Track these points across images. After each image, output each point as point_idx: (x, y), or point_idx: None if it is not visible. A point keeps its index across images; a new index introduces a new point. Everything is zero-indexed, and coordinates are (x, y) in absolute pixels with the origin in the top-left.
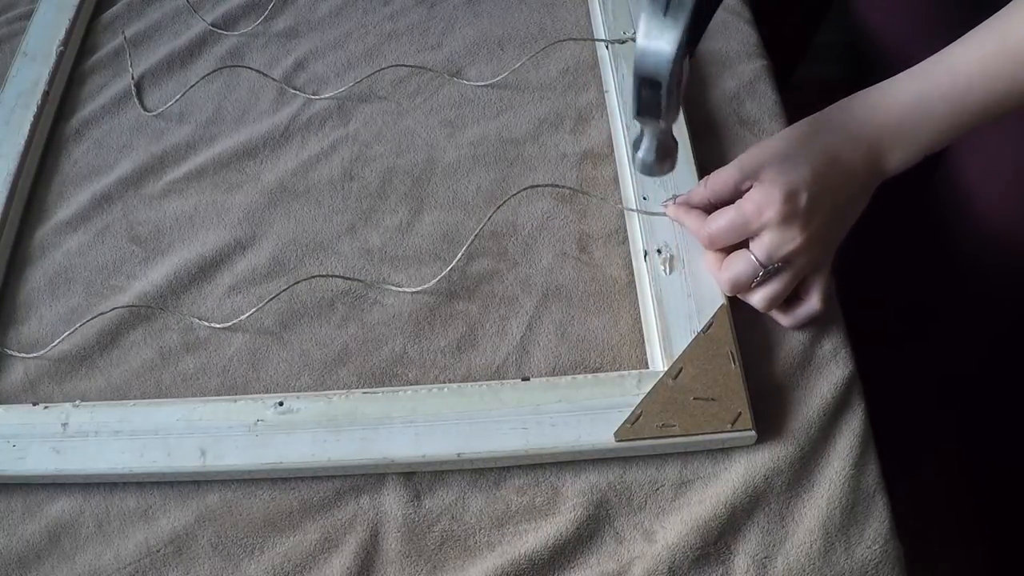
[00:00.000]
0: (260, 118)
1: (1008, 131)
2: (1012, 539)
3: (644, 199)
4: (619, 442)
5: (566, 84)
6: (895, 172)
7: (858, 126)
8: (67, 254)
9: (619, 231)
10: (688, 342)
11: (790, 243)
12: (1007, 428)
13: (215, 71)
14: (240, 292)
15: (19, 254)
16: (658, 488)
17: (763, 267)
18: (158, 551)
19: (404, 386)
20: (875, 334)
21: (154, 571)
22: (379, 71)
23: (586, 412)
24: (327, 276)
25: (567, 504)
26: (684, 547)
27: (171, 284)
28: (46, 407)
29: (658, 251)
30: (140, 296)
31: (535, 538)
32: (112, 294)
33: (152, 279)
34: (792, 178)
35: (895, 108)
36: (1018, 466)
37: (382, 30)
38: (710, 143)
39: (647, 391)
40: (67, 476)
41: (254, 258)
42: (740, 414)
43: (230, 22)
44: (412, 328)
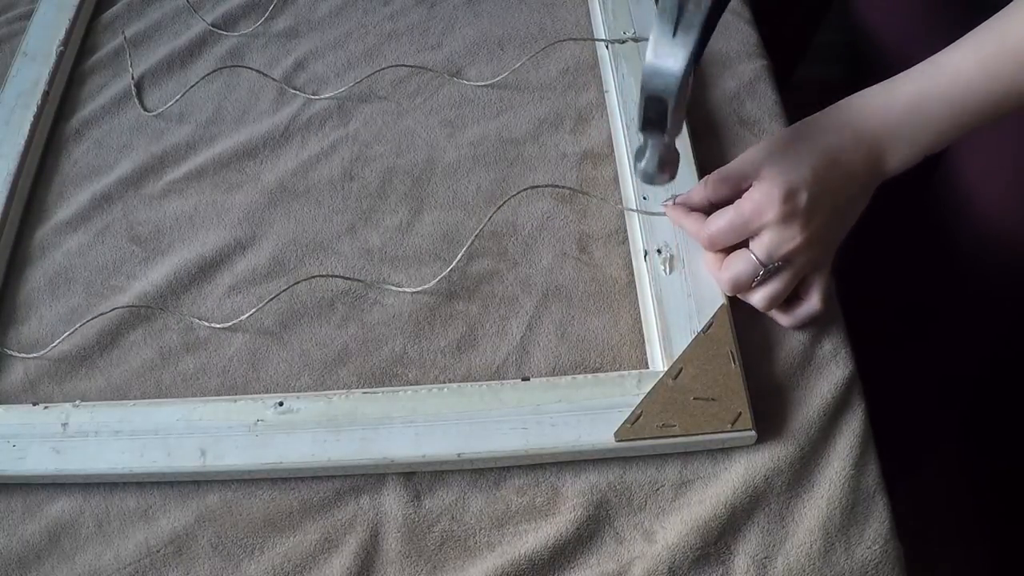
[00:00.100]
0: (260, 118)
1: (1008, 131)
2: (1012, 539)
3: (644, 199)
4: (619, 442)
5: (566, 84)
6: (895, 172)
7: (858, 126)
8: (67, 254)
9: (619, 231)
10: (688, 342)
11: (790, 242)
12: (1007, 428)
13: (215, 71)
14: (240, 292)
15: (19, 254)
16: (658, 488)
17: (763, 266)
18: (158, 551)
19: (404, 386)
20: (875, 334)
21: (154, 571)
22: (379, 71)
23: (586, 412)
24: (327, 276)
25: (567, 504)
26: (684, 547)
27: (171, 284)
28: (46, 407)
29: (658, 251)
30: (140, 296)
31: (535, 538)
32: (112, 294)
33: (152, 279)
34: (792, 178)
35: (895, 108)
36: (1018, 466)
37: (382, 30)
38: (710, 143)
39: (647, 391)
40: (67, 476)
41: (254, 258)
42: (740, 414)
43: (230, 22)
44: (412, 328)
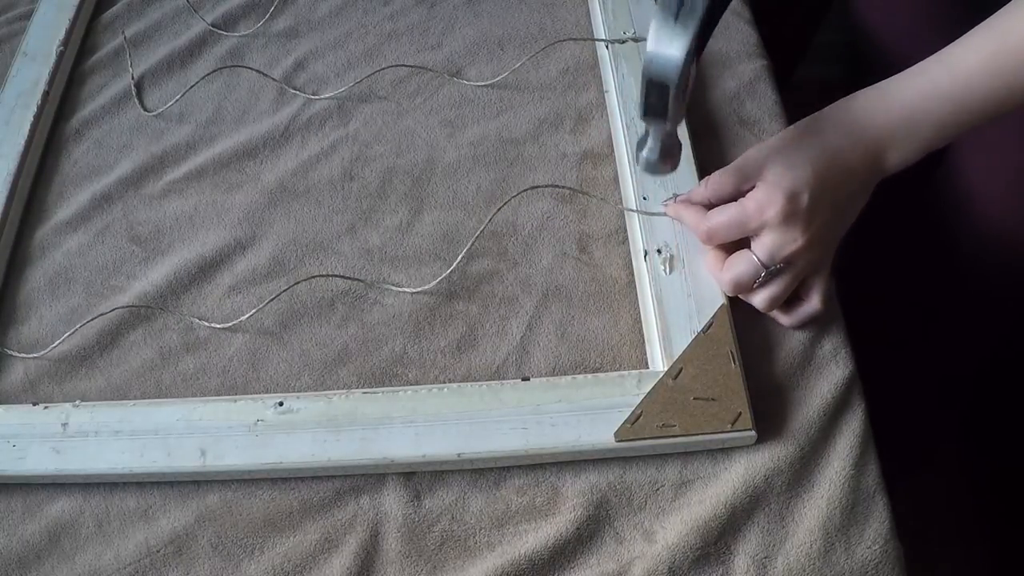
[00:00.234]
0: (260, 118)
1: (1009, 130)
2: (1012, 539)
3: (644, 199)
4: (619, 442)
5: (566, 84)
6: (895, 170)
7: (858, 125)
8: (67, 254)
9: (619, 231)
10: (688, 342)
11: (792, 244)
12: (1007, 428)
13: (215, 71)
14: (240, 292)
15: (19, 254)
16: (658, 488)
17: (765, 268)
18: (158, 551)
19: (404, 386)
20: (875, 334)
21: (154, 571)
22: (379, 71)
23: (586, 412)
24: (328, 276)
25: (567, 504)
26: (684, 547)
27: (171, 284)
28: (46, 407)
29: (658, 251)
30: (140, 296)
31: (535, 538)
32: (112, 294)
33: (152, 279)
34: (794, 178)
35: (895, 107)
36: (1018, 466)
37: (382, 30)
38: (710, 143)
39: (647, 391)
40: (67, 476)
41: (254, 258)
42: (740, 414)
43: (230, 22)
44: (412, 328)
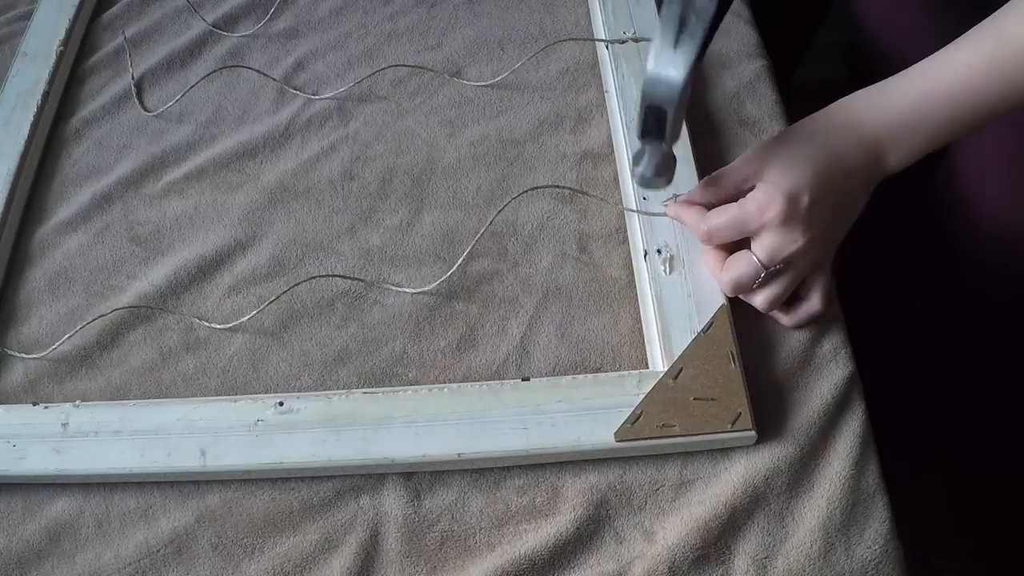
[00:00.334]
0: (260, 118)
1: (1008, 131)
2: (1012, 539)
3: (644, 199)
4: (619, 442)
5: (566, 84)
6: (895, 171)
7: (858, 125)
8: (67, 254)
9: (619, 231)
10: (688, 342)
11: (792, 245)
12: (1007, 428)
13: (215, 71)
14: (240, 292)
15: (19, 254)
16: (658, 488)
17: (765, 268)
18: (158, 551)
19: (404, 386)
20: (875, 334)
21: (154, 571)
22: (379, 71)
23: (586, 412)
24: (328, 276)
25: (567, 504)
26: (684, 547)
27: (171, 284)
28: (46, 407)
29: (658, 251)
30: (140, 296)
31: (535, 538)
32: (112, 294)
33: (152, 279)
34: (794, 179)
35: (895, 107)
36: (1018, 466)
37: (382, 30)
38: (710, 143)
39: (647, 391)
40: (67, 476)
41: (254, 258)
42: (740, 414)
43: (230, 22)
44: (412, 328)
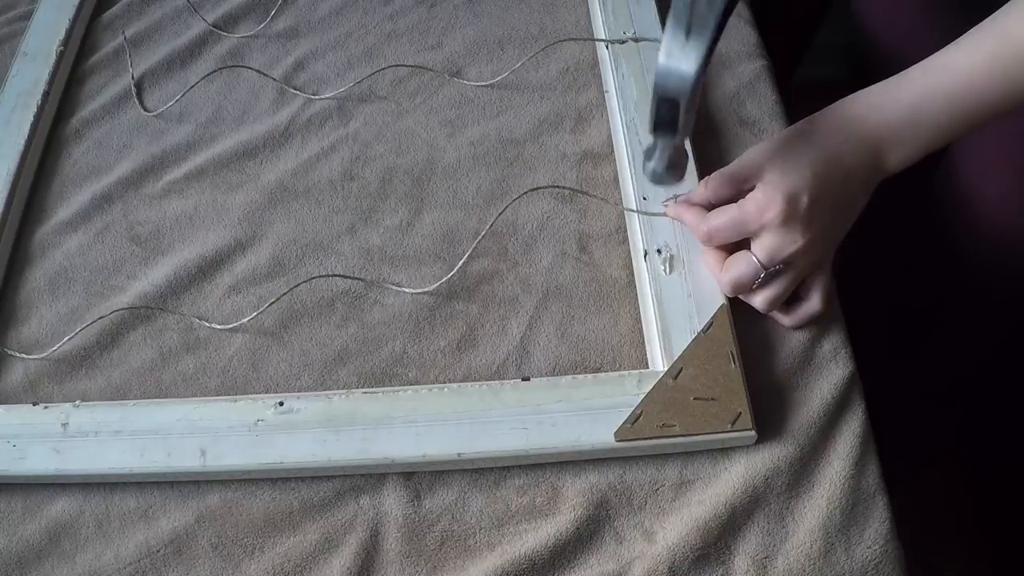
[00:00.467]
0: (260, 118)
1: (1008, 131)
2: (1012, 539)
3: (644, 199)
4: (619, 442)
5: (566, 84)
6: (895, 171)
7: (858, 125)
8: (67, 254)
9: (619, 231)
10: (688, 342)
11: (792, 245)
12: (1007, 428)
13: (215, 71)
14: (240, 292)
15: (19, 254)
16: (658, 488)
17: (764, 269)
18: (158, 551)
19: (404, 386)
20: (875, 334)
21: (154, 571)
22: (379, 71)
23: (586, 412)
24: (329, 276)
25: (567, 504)
26: (684, 547)
27: (171, 284)
28: (46, 407)
29: (658, 251)
30: (140, 296)
31: (535, 538)
32: (112, 294)
33: (152, 279)
34: (794, 179)
35: (895, 107)
36: (1018, 466)
37: (382, 30)
38: (710, 143)
39: (647, 391)
40: (67, 476)
41: (254, 258)
42: (740, 414)
43: (231, 22)
44: (412, 328)
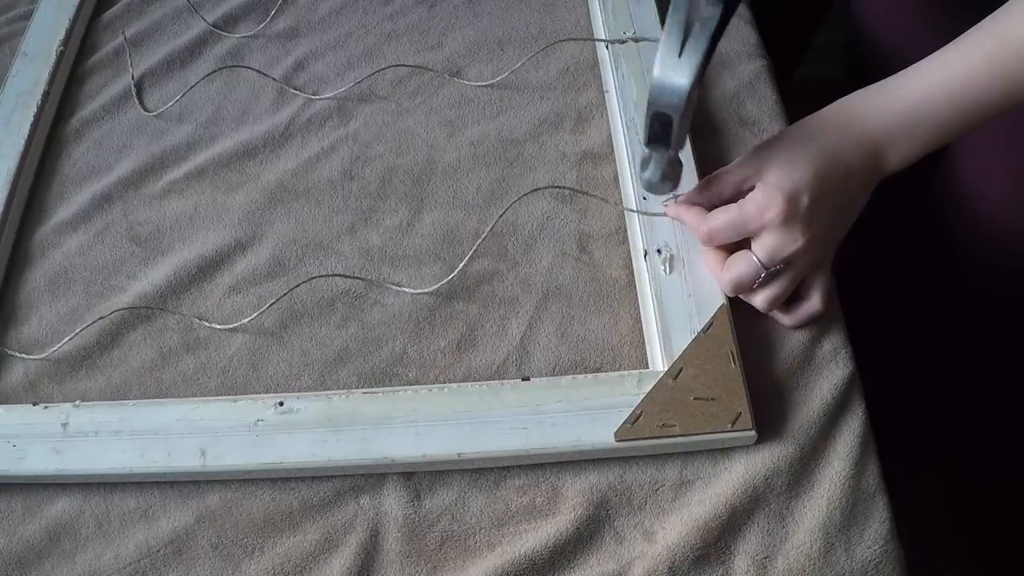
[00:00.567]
0: (260, 118)
1: (1008, 131)
2: (1012, 539)
3: (644, 199)
4: (619, 442)
5: (566, 84)
6: (895, 170)
7: (858, 125)
8: (67, 254)
9: (619, 231)
10: (688, 342)
11: (792, 245)
12: (1007, 428)
13: (215, 71)
14: (240, 292)
15: (19, 254)
16: (658, 488)
17: (765, 268)
18: (158, 551)
19: (404, 386)
20: (875, 334)
21: (154, 571)
22: (379, 71)
23: (586, 412)
24: (329, 276)
25: (567, 504)
26: (684, 547)
27: (171, 284)
28: (46, 407)
29: (658, 251)
30: (140, 296)
31: (535, 538)
32: (112, 294)
33: (152, 279)
34: (794, 179)
35: (895, 106)
36: (1018, 466)
37: (382, 30)
38: (710, 143)
39: (647, 391)
40: (67, 476)
41: (254, 258)
42: (740, 414)
43: (231, 22)
44: (412, 328)
